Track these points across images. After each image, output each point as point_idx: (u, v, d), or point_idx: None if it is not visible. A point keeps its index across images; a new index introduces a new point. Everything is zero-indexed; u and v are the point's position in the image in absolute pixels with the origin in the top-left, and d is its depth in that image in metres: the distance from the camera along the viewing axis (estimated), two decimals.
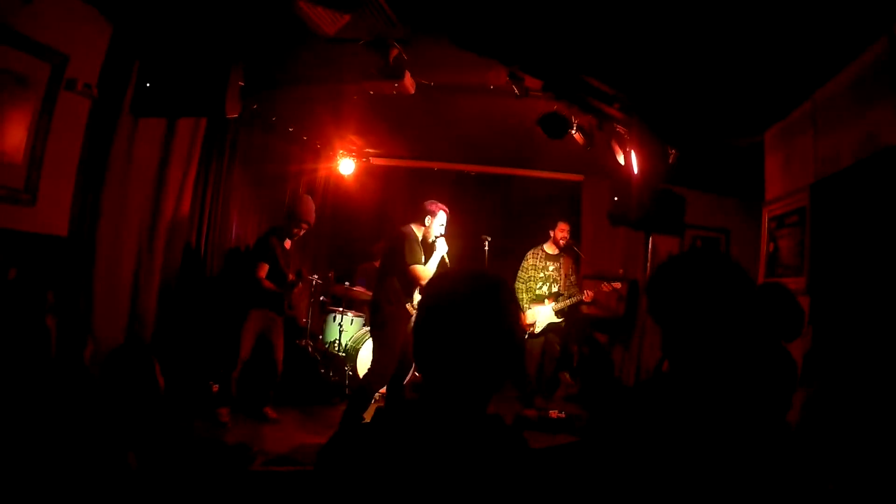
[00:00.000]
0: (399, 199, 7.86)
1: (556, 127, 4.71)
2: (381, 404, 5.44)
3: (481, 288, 1.27)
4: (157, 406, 2.63)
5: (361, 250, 7.64)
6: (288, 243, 5.22)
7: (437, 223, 4.82)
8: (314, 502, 1.21)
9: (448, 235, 4.90)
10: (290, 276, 5.09)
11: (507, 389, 6.95)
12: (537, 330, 6.07)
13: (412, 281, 4.59)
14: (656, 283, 1.57)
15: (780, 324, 2.70)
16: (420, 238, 4.76)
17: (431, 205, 4.84)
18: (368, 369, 4.67)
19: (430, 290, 1.34)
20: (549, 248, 6.27)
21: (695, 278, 1.51)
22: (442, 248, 4.76)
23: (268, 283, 4.97)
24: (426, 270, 4.61)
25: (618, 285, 6.24)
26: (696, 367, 1.46)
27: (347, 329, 6.39)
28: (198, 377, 4.91)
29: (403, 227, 4.82)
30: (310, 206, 5.21)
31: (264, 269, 4.94)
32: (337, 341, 6.30)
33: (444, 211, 4.87)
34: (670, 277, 1.55)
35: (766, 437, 1.40)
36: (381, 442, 1.19)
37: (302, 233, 5.25)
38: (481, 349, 1.22)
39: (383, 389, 5.09)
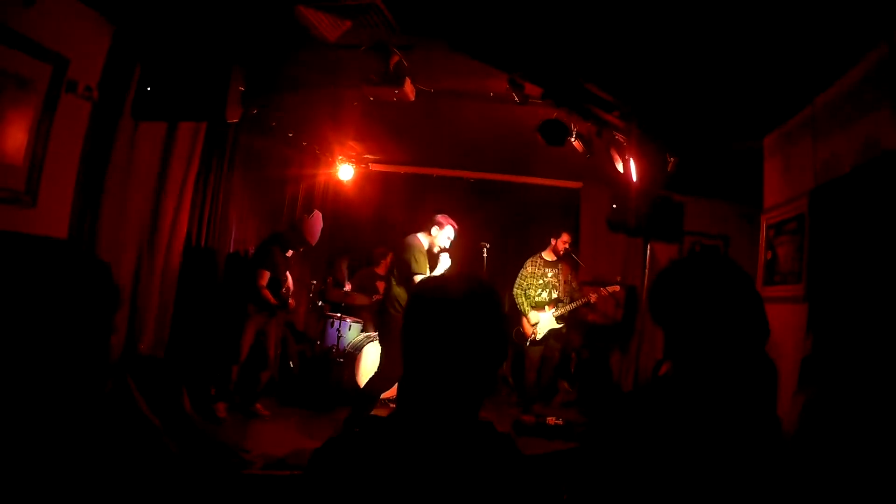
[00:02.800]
0: (398, 205, 7.87)
1: (555, 134, 4.73)
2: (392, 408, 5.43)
3: (471, 291, 1.27)
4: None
5: (360, 256, 7.63)
6: (289, 252, 5.25)
7: (443, 235, 4.88)
8: None
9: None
10: (284, 288, 5.11)
11: (505, 395, 6.95)
12: (539, 336, 6.05)
13: None
14: (660, 287, 1.56)
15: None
16: (426, 247, 4.81)
17: (442, 217, 4.93)
18: (375, 373, 4.69)
19: (418, 293, 1.32)
20: (548, 256, 6.27)
21: (698, 281, 1.51)
22: (445, 263, 4.80)
23: (266, 293, 5.05)
24: None
25: (616, 288, 6.24)
26: (700, 370, 1.45)
27: (345, 334, 6.38)
28: (198, 378, 4.92)
29: (409, 235, 4.87)
30: (315, 229, 5.31)
31: (265, 277, 5.00)
32: (335, 347, 6.28)
33: (453, 226, 4.95)
34: (674, 281, 1.54)
35: (766, 443, 1.40)
36: (373, 447, 1.18)
37: (301, 251, 5.30)
38: (472, 352, 1.22)
39: (391, 393, 5.14)
